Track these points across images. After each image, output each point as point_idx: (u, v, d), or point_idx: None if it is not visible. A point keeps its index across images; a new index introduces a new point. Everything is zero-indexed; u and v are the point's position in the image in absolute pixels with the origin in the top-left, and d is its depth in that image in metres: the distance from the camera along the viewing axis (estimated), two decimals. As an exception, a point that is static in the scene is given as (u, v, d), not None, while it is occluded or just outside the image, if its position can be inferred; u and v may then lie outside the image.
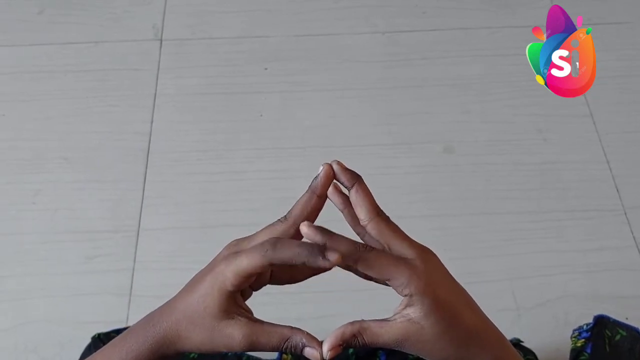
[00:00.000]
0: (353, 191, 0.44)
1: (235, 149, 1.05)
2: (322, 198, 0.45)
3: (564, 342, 0.82)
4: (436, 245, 1.02)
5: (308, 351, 0.40)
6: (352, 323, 0.40)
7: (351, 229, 0.47)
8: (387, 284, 0.42)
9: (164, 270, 0.93)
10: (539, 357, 0.75)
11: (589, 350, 0.72)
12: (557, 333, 0.87)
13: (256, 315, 0.43)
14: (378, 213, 0.44)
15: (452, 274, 0.47)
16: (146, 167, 1.03)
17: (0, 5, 1.23)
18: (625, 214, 0.98)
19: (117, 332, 0.79)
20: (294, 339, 0.40)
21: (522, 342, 0.76)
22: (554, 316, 0.89)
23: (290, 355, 0.79)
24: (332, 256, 0.38)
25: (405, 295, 0.40)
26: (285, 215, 0.44)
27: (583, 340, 0.74)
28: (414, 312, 0.40)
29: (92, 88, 1.12)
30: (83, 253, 0.94)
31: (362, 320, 0.41)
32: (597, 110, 1.09)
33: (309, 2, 1.23)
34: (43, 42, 1.17)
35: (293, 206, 0.45)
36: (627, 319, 0.82)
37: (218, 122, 1.08)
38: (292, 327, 0.41)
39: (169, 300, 0.43)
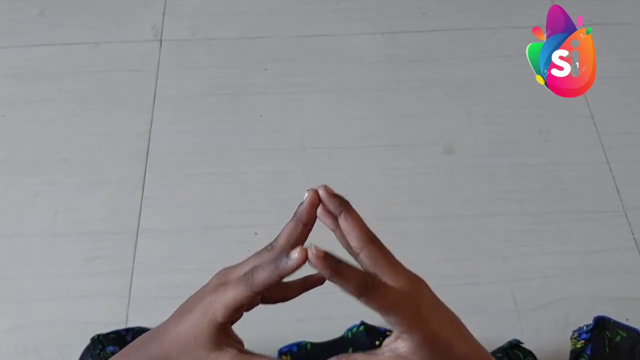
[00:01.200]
0: (342, 219, 0.42)
1: (235, 150, 1.05)
2: (309, 225, 0.44)
3: (564, 343, 0.82)
4: (437, 247, 1.03)
5: None
6: (339, 357, 0.41)
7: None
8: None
9: (163, 271, 0.93)
10: (538, 358, 0.75)
11: (588, 352, 0.72)
12: (557, 334, 0.87)
13: (258, 316, 0.43)
14: (370, 240, 0.42)
15: (452, 274, 0.47)
16: (145, 168, 1.03)
17: (1, 6, 1.23)
18: (626, 215, 0.98)
19: (116, 333, 0.79)
20: None
21: (522, 343, 0.76)
22: (554, 317, 0.88)
23: (289, 357, 0.79)
24: (294, 254, 0.38)
25: (396, 329, 0.40)
26: (271, 243, 0.44)
27: (583, 341, 0.74)
28: (403, 347, 0.40)
29: (92, 89, 1.12)
30: (83, 254, 0.94)
31: (350, 354, 0.41)
32: (598, 111, 1.09)
33: (310, 3, 1.23)
34: (43, 43, 1.17)
35: (279, 234, 0.44)
36: (627, 320, 0.82)
37: (218, 123, 1.08)
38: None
39: (161, 325, 0.43)
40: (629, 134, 1.06)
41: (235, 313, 0.40)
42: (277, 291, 0.46)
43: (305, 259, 0.37)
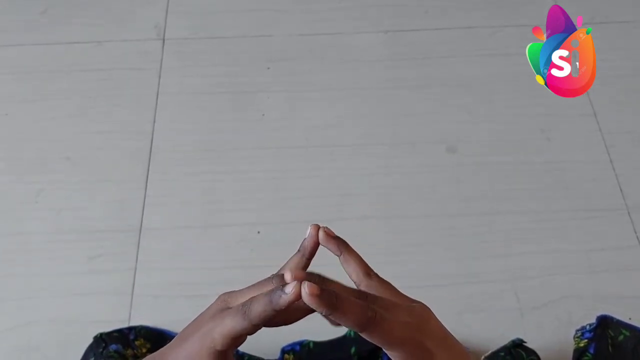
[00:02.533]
0: (342, 259, 0.45)
1: (238, 148, 1.05)
2: (310, 259, 0.46)
3: (567, 342, 0.82)
4: (439, 245, 1.02)
5: None
6: None
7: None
8: None
9: (166, 269, 0.93)
10: (541, 357, 0.75)
11: (592, 351, 0.72)
12: (560, 333, 0.87)
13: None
14: (368, 274, 0.44)
15: (454, 273, 0.47)
16: (148, 167, 1.03)
17: (3, 5, 1.23)
18: (629, 213, 0.98)
19: (119, 332, 0.80)
20: None
21: (524, 342, 0.76)
22: (557, 316, 0.88)
23: (292, 356, 0.79)
24: (288, 288, 0.37)
25: None
26: (275, 273, 0.43)
27: (586, 340, 0.74)
28: None
29: (95, 88, 1.12)
30: (85, 253, 0.94)
31: None
32: (601, 109, 1.08)
33: (313, 2, 1.23)
34: (46, 41, 1.18)
35: (283, 265, 0.45)
36: (630, 319, 0.82)
37: (220, 121, 1.08)
38: None
39: (161, 350, 0.43)
40: (632, 132, 1.06)
41: (234, 341, 0.39)
42: (278, 316, 0.46)
43: (298, 294, 0.36)
